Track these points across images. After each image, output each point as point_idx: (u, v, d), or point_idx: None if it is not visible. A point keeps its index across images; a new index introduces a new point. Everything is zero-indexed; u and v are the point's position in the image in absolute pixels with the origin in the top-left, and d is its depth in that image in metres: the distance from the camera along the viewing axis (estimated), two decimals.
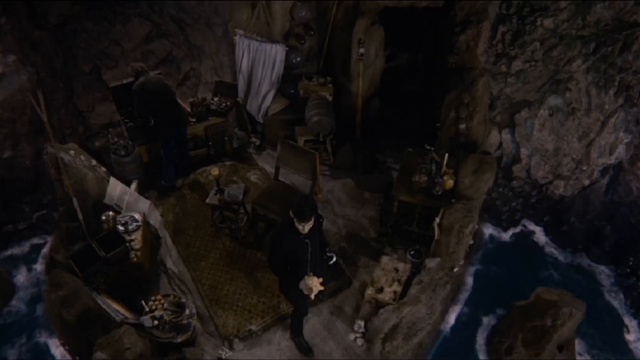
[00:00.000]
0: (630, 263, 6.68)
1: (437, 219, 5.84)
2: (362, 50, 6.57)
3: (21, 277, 6.71)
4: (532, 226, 7.44)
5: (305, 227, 4.35)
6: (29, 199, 7.02)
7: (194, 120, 7.50)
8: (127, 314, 5.50)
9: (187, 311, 5.21)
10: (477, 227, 6.12)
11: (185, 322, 5.16)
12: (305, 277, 4.45)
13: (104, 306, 5.46)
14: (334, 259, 5.76)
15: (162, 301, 5.21)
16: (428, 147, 6.25)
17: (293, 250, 4.61)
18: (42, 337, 6.06)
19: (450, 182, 6.04)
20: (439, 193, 6.03)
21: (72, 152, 6.18)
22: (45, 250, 6.74)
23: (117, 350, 4.92)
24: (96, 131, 7.90)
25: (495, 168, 6.21)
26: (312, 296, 4.50)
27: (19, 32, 6.17)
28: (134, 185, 7.03)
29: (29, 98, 6.11)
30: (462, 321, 6.36)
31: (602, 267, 6.92)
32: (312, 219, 4.31)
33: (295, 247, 4.59)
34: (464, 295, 6.64)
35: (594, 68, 6.18)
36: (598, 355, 6.06)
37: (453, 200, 5.97)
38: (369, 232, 6.74)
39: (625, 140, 6.32)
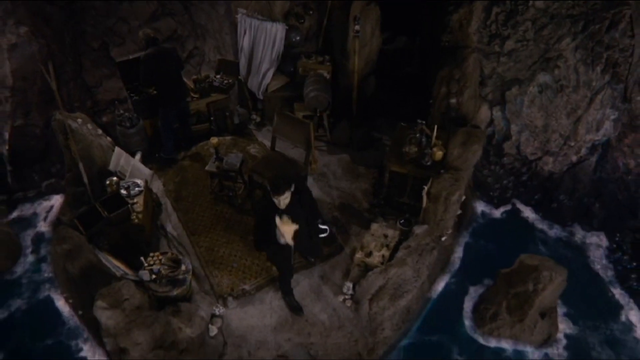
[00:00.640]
0: (617, 238, 6.84)
1: (426, 188, 6.06)
2: (357, 27, 6.81)
3: (28, 238, 7.01)
4: (522, 204, 7.61)
5: (282, 202, 4.55)
6: (39, 168, 7.35)
7: (196, 96, 7.79)
8: (128, 271, 5.80)
9: (183, 267, 5.48)
10: (464, 197, 6.31)
11: (181, 277, 5.43)
12: (277, 218, 4.58)
13: (105, 262, 5.77)
14: (328, 231, 6.01)
15: (160, 257, 5.49)
16: (420, 121, 6.47)
17: (274, 224, 4.77)
18: (47, 293, 6.38)
19: (439, 154, 6.27)
20: (428, 163, 6.26)
21: (79, 120, 6.50)
22: (52, 211, 7.06)
23: (117, 300, 5.21)
24: (103, 107, 8.22)
25: (483, 141, 6.40)
26: (290, 241, 4.63)
27: (31, 6, 6.52)
28: (138, 156, 7.35)
29: (40, 68, 6.43)
30: (450, 290, 6.56)
31: (592, 240, 7.06)
32: (288, 193, 4.50)
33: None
34: (453, 267, 6.82)
35: (582, 46, 6.36)
36: (583, 324, 6.22)
37: (442, 171, 6.19)
38: (361, 204, 6.98)
39: (612, 117, 6.49)
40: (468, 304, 6.43)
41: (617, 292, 6.55)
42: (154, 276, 5.37)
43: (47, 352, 5.88)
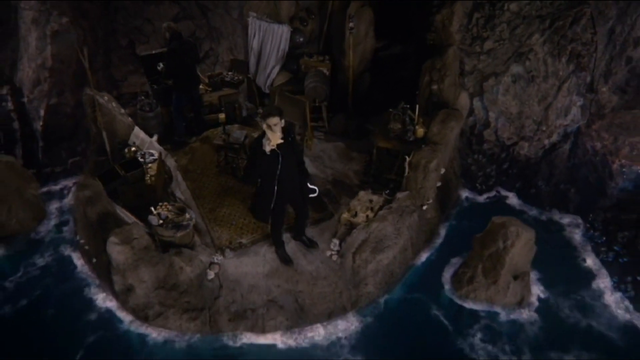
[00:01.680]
0: (590, 218, 7.35)
1: (408, 158, 6.75)
2: (351, 24, 7.75)
3: (53, 207, 7.81)
4: (505, 191, 8.21)
5: (272, 127, 5.22)
6: (67, 146, 8.24)
7: (210, 89, 8.75)
8: (139, 223, 6.51)
9: (187, 215, 6.19)
10: (443, 170, 6.96)
11: (185, 222, 6.12)
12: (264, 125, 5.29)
13: (120, 213, 6.50)
14: (317, 192, 6.66)
15: (168, 206, 6.22)
16: (404, 104, 7.26)
17: (266, 157, 5.43)
18: (67, 251, 7.11)
19: (421, 131, 7.01)
20: (411, 139, 6.99)
21: (105, 97, 7.44)
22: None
23: (128, 237, 5.91)
24: (127, 100, 9.19)
25: (461, 121, 7.13)
26: (274, 145, 5.30)
27: (72, 1, 7.66)
28: (155, 137, 8.20)
29: (76, 54, 7.44)
30: (432, 260, 7.11)
31: (568, 221, 7.56)
32: (277, 119, 5.21)
33: (267, 162, 5.47)
34: (436, 242, 7.39)
35: (549, 40, 7.17)
36: (556, 291, 6.65)
37: (423, 146, 6.89)
38: (353, 180, 7.68)
39: (579, 103, 7.19)
40: (448, 271, 6.93)
41: (590, 265, 6.99)
42: (161, 221, 6.08)
43: (64, 297, 6.56)
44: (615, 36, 7.10)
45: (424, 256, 7.15)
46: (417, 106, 6.94)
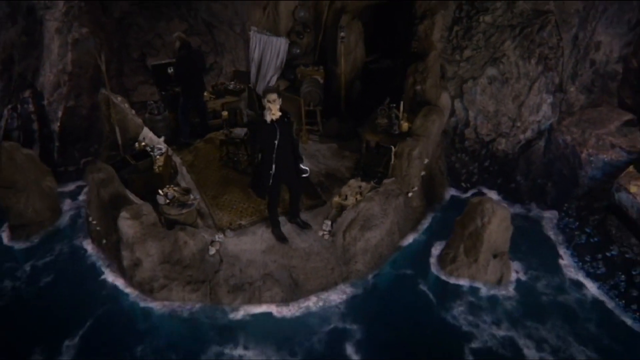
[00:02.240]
0: (565, 207, 7.91)
1: (394, 149, 7.40)
2: (342, 34, 8.59)
3: (67, 205, 8.42)
4: (487, 188, 8.79)
5: (271, 103, 5.96)
6: (80, 146, 8.92)
7: (214, 96, 9.51)
8: None
9: (192, 196, 6.78)
10: (427, 160, 7.58)
11: (190, 202, 6.70)
12: (264, 100, 6.02)
13: (130, 196, 7.09)
14: (309, 172, 7.26)
15: (174, 188, 6.82)
16: (389, 101, 8.00)
17: (265, 133, 6.15)
18: (79, 240, 7.68)
19: (405, 125, 7.70)
20: (396, 133, 7.67)
21: (119, 98, 8.17)
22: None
23: (137, 213, 6.48)
24: (137, 108, 9.90)
25: (441, 116, 7.82)
26: (275, 114, 6.00)
27: (91, 15, 8.54)
28: (162, 139, 8.88)
29: (94, 60, 8.23)
30: (419, 242, 7.64)
31: (546, 214, 8.11)
32: (276, 96, 5.94)
33: (267, 132, 6.17)
34: (423, 228, 7.93)
35: (520, 45, 7.97)
36: (533, 273, 7.14)
37: (408, 138, 7.56)
38: (344, 174, 8.29)
39: (549, 101, 7.91)
40: (434, 253, 7.43)
41: (564, 250, 7.50)
42: (167, 201, 6.66)
43: (75, 277, 7.11)
44: (579, 41, 7.90)
45: (411, 238, 7.67)
46: (402, 102, 7.64)
